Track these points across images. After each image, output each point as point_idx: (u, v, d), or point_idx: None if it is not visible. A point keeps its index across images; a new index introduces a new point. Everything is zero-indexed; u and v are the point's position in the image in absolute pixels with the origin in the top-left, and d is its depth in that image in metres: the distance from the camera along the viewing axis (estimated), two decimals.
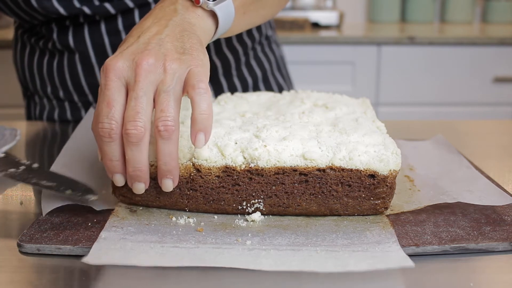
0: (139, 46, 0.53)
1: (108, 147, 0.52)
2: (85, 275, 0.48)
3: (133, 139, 0.50)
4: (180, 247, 0.50)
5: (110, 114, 0.50)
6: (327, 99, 0.71)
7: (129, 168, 0.52)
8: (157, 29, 0.56)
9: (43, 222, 0.55)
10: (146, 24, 0.57)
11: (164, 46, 0.54)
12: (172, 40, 0.55)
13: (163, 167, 0.52)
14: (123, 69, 0.52)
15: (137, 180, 0.53)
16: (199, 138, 0.52)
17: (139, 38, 0.55)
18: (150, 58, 0.52)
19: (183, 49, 0.54)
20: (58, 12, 0.85)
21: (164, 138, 0.51)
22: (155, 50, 0.53)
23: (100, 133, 0.51)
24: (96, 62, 0.91)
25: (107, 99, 0.51)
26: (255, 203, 0.57)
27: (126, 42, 0.56)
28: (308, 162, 0.55)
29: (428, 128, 0.96)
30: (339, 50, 2.04)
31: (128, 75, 0.52)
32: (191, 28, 0.57)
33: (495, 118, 2.06)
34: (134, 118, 0.50)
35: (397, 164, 0.56)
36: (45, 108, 0.99)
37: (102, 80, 0.52)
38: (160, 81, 0.52)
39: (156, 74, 0.52)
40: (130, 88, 0.51)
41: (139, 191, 0.54)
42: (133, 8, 0.88)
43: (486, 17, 2.46)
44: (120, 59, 0.52)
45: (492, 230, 0.54)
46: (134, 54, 0.53)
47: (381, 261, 0.48)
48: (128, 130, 0.50)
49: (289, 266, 0.47)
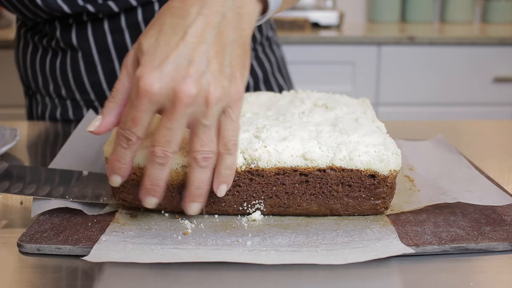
0: (181, 64, 0.48)
1: (122, 151, 0.51)
2: (85, 275, 0.48)
3: (160, 160, 0.50)
4: (181, 248, 0.50)
5: (134, 129, 0.49)
6: (327, 99, 0.71)
7: (147, 182, 0.52)
8: (203, 29, 0.49)
9: (43, 222, 0.55)
10: (191, 14, 0.50)
11: (209, 67, 0.49)
12: (217, 54, 0.50)
13: (195, 191, 0.52)
14: (159, 97, 0.48)
15: (152, 194, 0.52)
16: (222, 188, 0.53)
17: (182, 39, 0.49)
18: (191, 90, 0.47)
19: (228, 68, 0.50)
20: (62, 10, 0.86)
21: (202, 167, 0.51)
22: (197, 76, 0.48)
23: (119, 136, 0.50)
24: (99, 61, 0.91)
25: (133, 116, 0.49)
26: (255, 204, 0.57)
27: (166, 35, 0.49)
28: (309, 162, 0.55)
29: (428, 128, 0.96)
30: (339, 50, 2.04)
31: (164, 103, 0.48)
32: (241, 21, 0.52)
33: (495, 118, 2.06)
34: (164, 145, 0.49)
35: (398, 164, 0.56)
36: (47, 107, 0.99)
37: (134, 96, 0.48)
38: (200, 113, 0.49)
39: (196, 107, 0.48)
40: (165, 114, 0.49)
41: (149, 205, 0.53)
42: (136, 6, 0.88)
43: (486, 17, 2.46)
44: (157, 81, 0.47)
45: (492, 230, 0.54)
46: (174, 80, 0.48)
47: (381, 253, 0.48)
48: (156, 153, 0.50)
49: (290, 260, 0.47)
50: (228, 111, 0.51)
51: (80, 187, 0.59)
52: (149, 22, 0.53)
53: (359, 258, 0.48)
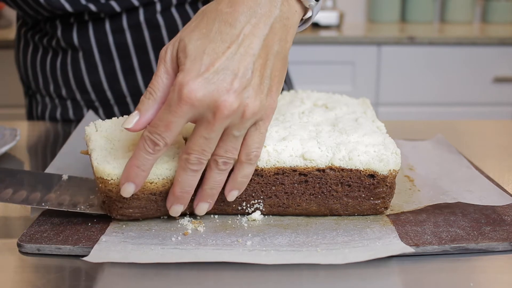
0: (226, 75, 0.48)
1: (145, 156, 0.50)
2: (85, 275, 0.48)
3: (194, 167, 0.51)
4: (181, 248, 0.50)
5: (164, 135, 0.49)
6: (327, 99, 0.71)
7: (177, 189, 0.52)
8: (250, 40, 0.49)
9: (43, 222, 0.55)
10: (241, 22, 0.49)
11: (252, 81, 0.49)
12: (261, 67, 0.50)
13: (208, 191, 0.53)
14: (201, 105, 0.47)
15: (181, 202, 0.53)
16: (233, 194, 0.54)
17: (229, 49, 0.48)
18: (233, 103, 0.47)
19: (267, 81, 0.51)
20: (63, 8, 0.86)
21: (221, 171, 0.52)
22: (240, 90, 0.48)
23: (146, 139, 0.49)
24: (100, 60, 0.91)
25: (168, 121, 0.48)
26: (255, 204, 0.57)
27: (213, 42, 0.49)
28: (308, 162, 0.55)
29: (428, 128, 0.96)
30: (339, 50, 2.04)
31: (204, 112, 0.48)
32: (286, 33, 0.52)
33: (495, 118, 2.06)
34: (199, 153, 0.50)
35: (397, 164, 0.56)
36: (47, 107, 0.99)
37: (175, 101, 0.47)
38: (234, 124, 0.49)
39: (232, 119, 0.49)
40: (202, 124, 0.49)
41: (176, 213, 0.54)
42: (138, 6, 0.88)
43: (486, 17, 2.46)
44: (202, 89, 0.47)
45: (492, 230, 0.54)
46: (218, 91, 0.47)
47: (381, 253, 0.48)
48: (190, 160, 0.50)
49: (290, 260, 0.47)
50: (259, 124, 0.52)
51: (58, 193, 0.57)
52: (149, 21, 0.52)
53: (359, 258, 0.48)
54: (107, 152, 0.54)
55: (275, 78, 0.52)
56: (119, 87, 0.93)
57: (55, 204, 0.56)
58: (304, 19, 0.56)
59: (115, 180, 0.52)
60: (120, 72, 0.92)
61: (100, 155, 0.54)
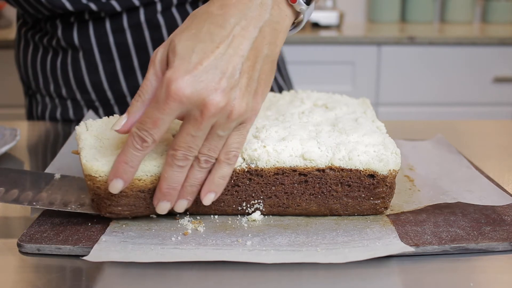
0: (215, 74, 0.48)
1: (134, 152, 0.50)
2: (85, 275, 0.48)
3: (181, 163, 0.51)
4: (181, 248, 0.50)
5: (152, 131, 0.49)
6: (327, 99, 0.71)
7: (164, 185, 0.52)
8: (240, 41, 0.50)
9: (43, 222, 0.55)
10: (231, 24, 0.50)
11: (240, 82, 0.49)
12: (249, 68, 0.50)
13: (188, 188, 0.53)
14: (189, 102, 0.48)
15: (167, 199, 0.53)
16: (209, 197, 0.54)
17: (218, 49, 0.49)
18: (220, 102, 0.48)
19: (254, 83, 0.51)
20: (64, 7, 0.86)
21: (202, 168, 0.52)
22: (228, 89, 0.49)
23: (134, 136, 0.50)
24: (100, 60, 0.91)
25: (155, 118, 0.48)
26: (254, 204, 0.57)
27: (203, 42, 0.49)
28: (308, 162, 0.55)
29: (428, 128, 0.96)
30: (339, 50, 2.04)
31: (191, 110, 0.48)
32: (276, 37, 0.53)
33: (495, 118, 2.06)
34: (185, 150, 0.50)
35: (397, 164, 0.56)
36: (47, 106, 0.99)
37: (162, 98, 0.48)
38: (219, 124, 0.50)
39: (219, 118, 0.49)
40: (189, 121, 0.49)
41: (163, 211, 0.53)
42: (138, 6, 0.88)
43: (486, 17, 2.46)
44: (190, 86, 0.47)
45: (492, 230, 0.54)
46: (206, 89, 0.48)
47: (381, 252, 0.48)
48: (177, 156, 0.50)
49: (290, 260, 0.47)
50: (242, 126, 0.52)
51: (50, 192, 0.57)
52: (150, 21, 0.52)
53: (359, 257, 0.48)
54: (96, 150, 0.54)
55: (262, 81, 0.52)
56: (119, 87, 0.93)
57: (46, 204, 0.56)
58: (296, 23, 0.57)
59: (103, 177, 0.52)
60: (120, 72, 0.92)
61: (89, 153, 0.54)
